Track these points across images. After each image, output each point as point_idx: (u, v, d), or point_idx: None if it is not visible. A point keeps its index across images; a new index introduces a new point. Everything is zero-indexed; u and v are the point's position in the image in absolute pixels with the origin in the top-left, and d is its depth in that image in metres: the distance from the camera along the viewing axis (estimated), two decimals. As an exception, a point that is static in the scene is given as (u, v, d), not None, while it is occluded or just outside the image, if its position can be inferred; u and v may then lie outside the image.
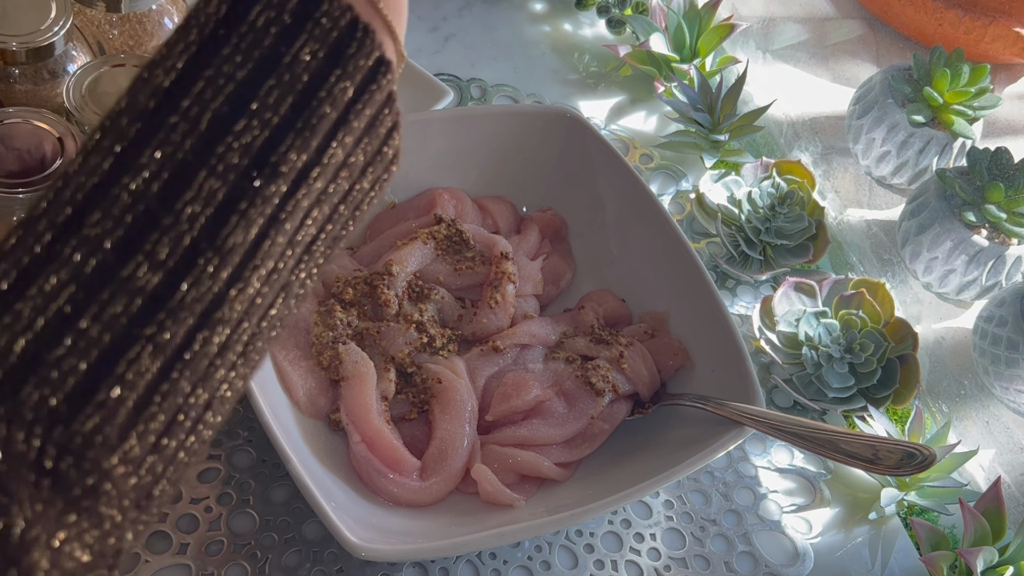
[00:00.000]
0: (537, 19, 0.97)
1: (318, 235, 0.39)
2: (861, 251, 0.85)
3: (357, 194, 0.40)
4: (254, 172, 0.35)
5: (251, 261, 0.36)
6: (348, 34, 0.38)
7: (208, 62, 0.36)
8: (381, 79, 0.39)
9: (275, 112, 0.36)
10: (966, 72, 0.83)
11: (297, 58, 0.37)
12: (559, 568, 0.64)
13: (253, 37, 0.36)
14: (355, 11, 0.38)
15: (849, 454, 0.62)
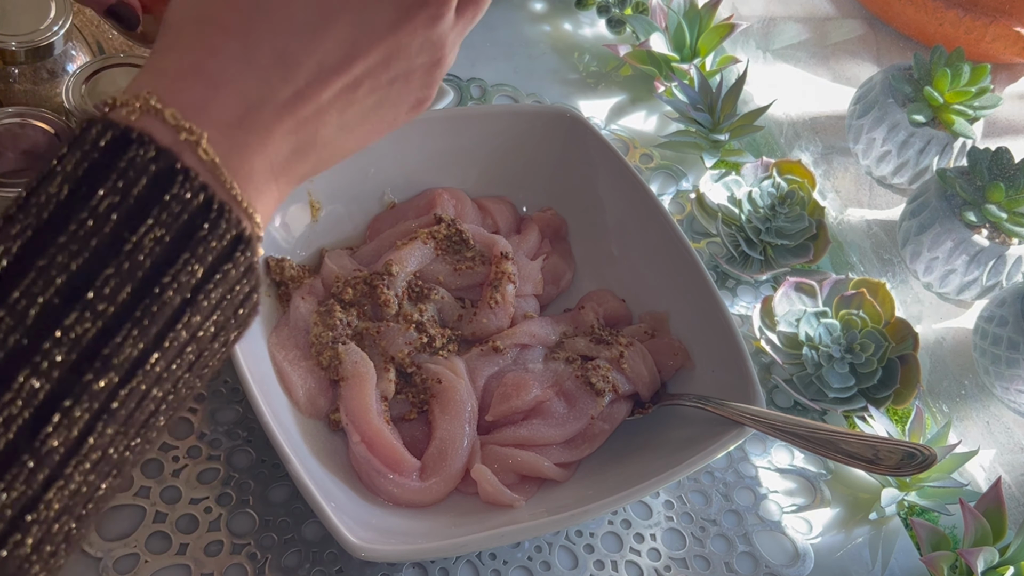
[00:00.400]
0: (537, 19, 0.97)
1: (158, 409, 0.37)
2: (861, 251, 0.85)
3: (206, 359, 0.38)
4: (83, 366, 0.34)
5: (73, 458, 0.34)
6: (200, 215, 0.36)
7: (43, 249, 0.34)
8: (239, 256, 0.37)
9: (111, 302, 0.34)
10: (966, 72, 0.83)
11: (140, 245, 0.35)
12: (559, 568, 0.63)
13: (94, 224, 0.34)
14: (210, 191, 0.36)
15: (849, 454, 0.62)
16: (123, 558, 0.58)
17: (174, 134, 0.36)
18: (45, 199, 0.35)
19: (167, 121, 0.36)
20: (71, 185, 0.35)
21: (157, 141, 0.36)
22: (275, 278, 0.68)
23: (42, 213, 0.34)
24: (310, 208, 0.70)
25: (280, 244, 0.69)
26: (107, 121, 0.36)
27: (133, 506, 0.60)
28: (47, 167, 0.35)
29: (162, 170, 0.35)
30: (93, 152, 0.35)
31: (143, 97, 0.37)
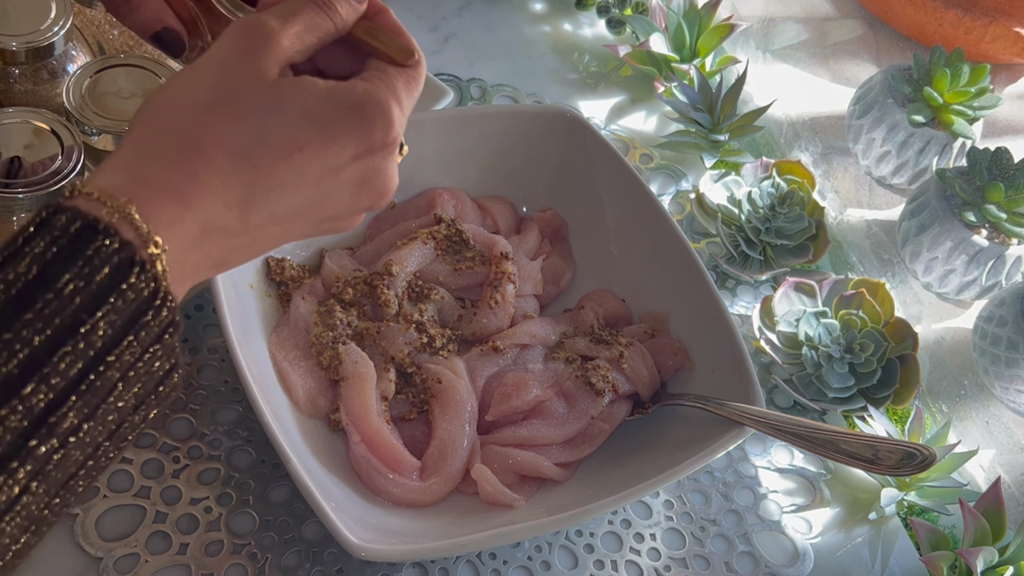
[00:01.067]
0: (537, 19, 0.97)
1: (78, 471, 0.40)
2: (861, 251, 0.85)
3: (125, 430, 0.41)
4: (31, 433, 0.37)
5: (7, 514, 0.37)
6: (148, 303, 0.40)
7: (9, 324, 0.37)
8: (167, 339, 0.41)
9: (63, 377, 0.37)
10: (966, 72, 0.83)
11: (95, 327, 0.38)
12: (559, 568, 0.64)
13: (58, 304, 0.38)
14: (159, 282, 0.40)
15: (849, 454, 0.62)
16: (123, 558, 0.58)
17: (139, 236, 0.40)
18: (14, 276, 0.38)
19: (138, 230, 0.40)
20: (39, 267, 0.38)
21: (121, 235, 0.39)
22: (275, 278, 0.68)
23: (10, 289, 0.37)
24: (310, 208, 0.70)
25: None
26: (76, 211, 0.39)
27: (133, 506, 0.60)
28: (14, 245, 0.38)
29: (123, 262, 0.39)
30: (62, 238, 0.38)
31: (123, 204, 0.40)
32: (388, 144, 0.48)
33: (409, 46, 0.50)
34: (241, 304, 0.64)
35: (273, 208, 0.45)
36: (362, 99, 0.46)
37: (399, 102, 0.48)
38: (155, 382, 0.41)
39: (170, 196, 0.42)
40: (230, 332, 0.59)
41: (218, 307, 0.60)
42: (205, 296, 0.69)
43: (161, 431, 0.63)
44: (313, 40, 0.48)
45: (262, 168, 0.44)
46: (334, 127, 0.46)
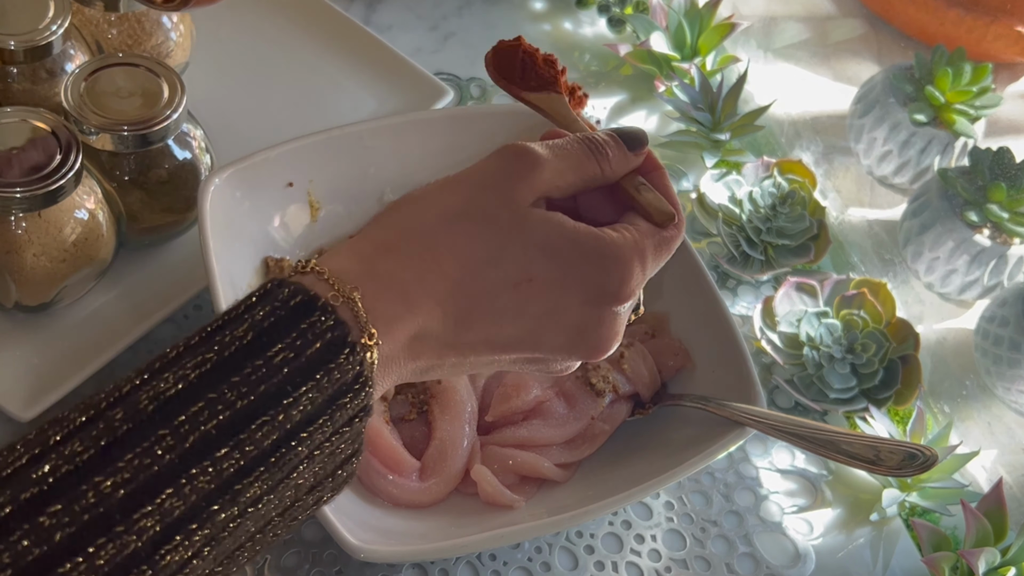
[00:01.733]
0: (537, 18, 0.97)
1: (245, 543, 0.40)
2: (863, 251, 0.85)
3: (297, 510, 0.41)
4: (216, 498, 0.37)
5: (178, 575, 0.36)
6: (349, 386, 0.40)
7: (216, 384, 0.37)
8: (357, 423, 0.41)
9: (257, 446, 0.37)
10: (968, 71, 0.83)
11: (298, 401, 0.38)
12: (559, 569, 0.63)
13: (265, 372, 0.38)
14: (364, 367, 0.40)
15: (851, 455, 0.61)
16: (122, 559, 0.58)
17: (356, 323, 0.41)
18: (230, 339, 0.38)
19: (356, 316, 0.41)
20: (255, 333, 0.39)
21: (338, 314, 0.40)
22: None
23: (224, 351, 0.38)
24: (310, 208, 0.70)
25: (279, 244, 0.69)
26: (300, 286, 0.40)
27: (132, 507, 0.60)
28: (236, 311, 0.40)
29: (335, 340, 0.40)
30: (282, 309, 0.39)
31: (349, 290, 0.41)
32: (620, 298, 0.47)
33: (670, 210, 0.49)
34: (240, 304, 0.63)
35: (488, 331, 0.45)
36: (605, 248, 0.46)
37: (643, 261, 0.47)
38: (335, 465, 0.41)
39: (396, 294, 0.43)
40: (229, 332, 0.58)
41: (216, 307, 0.59)
42: (204, 297, 0.69)
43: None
44: (576, 180, 0.48)
45: (488, 288, 0.44)
46: (569, 267, 0.45)
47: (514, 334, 0.46)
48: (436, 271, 0.44)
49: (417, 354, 0.44)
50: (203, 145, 0.69)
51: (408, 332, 0.43)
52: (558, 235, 0.45)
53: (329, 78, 0.83)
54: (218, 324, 0.39)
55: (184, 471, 0.36)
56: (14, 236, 0.60)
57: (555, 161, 0.47)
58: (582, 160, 0.48)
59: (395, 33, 0.90)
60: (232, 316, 0.39)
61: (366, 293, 0.42)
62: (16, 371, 0.62)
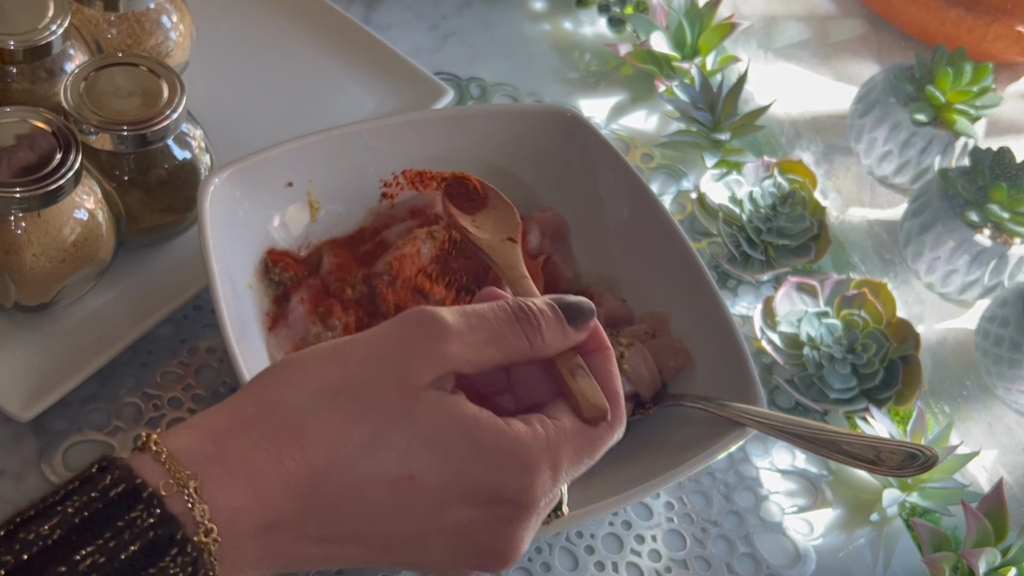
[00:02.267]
0: (537, 17, 0.96)
1: None
2: (863, 251, 0.84)
3: None
4: None
5: None
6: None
7: None
8: None
9: None
10: (968, 71, 0.83)
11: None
12: (559, 570, 0.63)
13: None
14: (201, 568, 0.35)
15: (851, 455, 0.61)
16: (121, 559, 0.58)
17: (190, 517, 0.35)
18: (34, 537, 0.33)
19: (192, 509, 0.35)
20: (63, 530, 0.34)
21: (167, 507, 0.35)
22: (274, 278, 0.68)
23: (23, 553, 0.33)
24: (309, 208, 0.70)
25: (279, 244, 0.69)
26: (127, 472, 0.35)
27: (131, 507, 0.60)
28: (51, 499, 0.34)
29: (159, 539, 0.34)
30: (100, 500, 0.34)
31: (185, 477, 0.36)
32: (520, 506, 0.40)
33: (603, 404, 0.43)
34: (239, 304, 0.63)
35: (358, 530, 0.39)
36: (508, 446, 0.40)
37: (555, 467, 0.41)
38: None
39: (243, 482, 0.37)
40: (228, 333, 0.58)
41: (216, 307, 0.59)
42: (203, 297, 0.69)
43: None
44: (495, 355, 0.41)
45: (358, 484, 0.38)
46: (459, 465, 0.39)
47: (392, 536, 0.40)
48: (297, 457, 0.37)
49: (271, 550, 0.38)
50: (203, 145, 0.69)
51: (255, 524, 0.37)
52: (450, 426, 0.39)
53: (329, 78, 0.83)
54: (27, 516, 0.34)
55: None
56: (13, 236, 0.60)
57: (467, 334, 0.40)
58: (504, 332, 0.41)
59: (395, 33, 0.90)
60: (42, 508, 0.34)
61: (208, 479, 0.36)
62: (15, 371, 0.62)
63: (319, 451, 0.38)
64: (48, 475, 0.61)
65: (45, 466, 0.61)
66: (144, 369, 0.66)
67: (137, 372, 0.66)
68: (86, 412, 0.64)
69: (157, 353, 0.67)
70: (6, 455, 0.61)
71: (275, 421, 0.38)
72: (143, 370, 0.66)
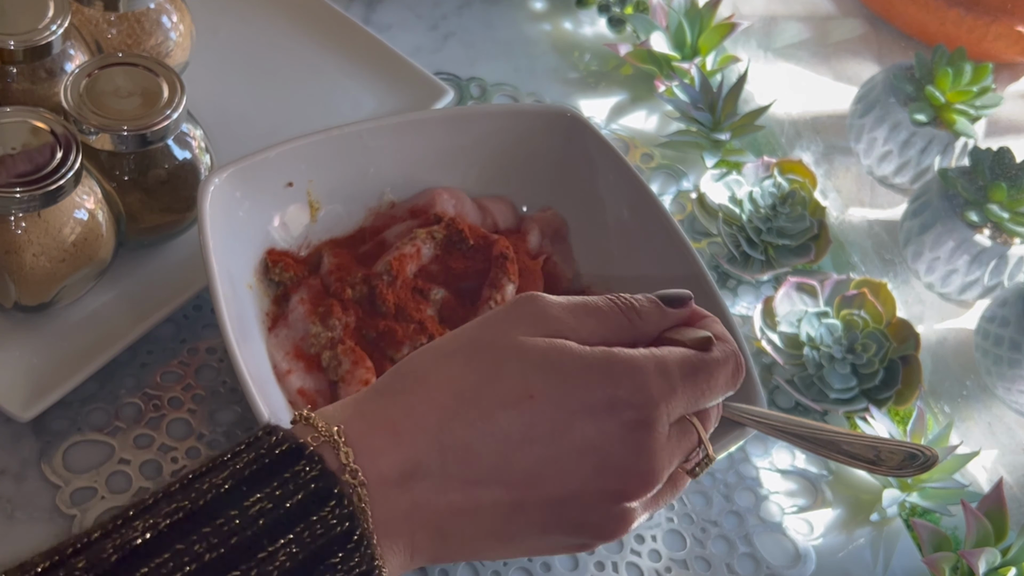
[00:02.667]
0: (537, 17, 0.96)
1: None
2: (863, 251, 0.84)
3: None
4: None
5: None
6: (338, 543, 0.37)
7: (185, 535, 0.35)
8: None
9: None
10: (968, 71, 0.83)
11: (274, 556, 0.36)
12: (559, 570, 0.63)
13: (240, 522, 0.36)
14: (358, 522, 0.37)
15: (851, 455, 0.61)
16: (121, 559, 0.58)
17: (340, 467, 0.38)
18: (207, 487, 0.36)
19: (339, 457, 0.39)
20: (234, 481, 0.37)
21: (326, 463, 0.38)
22: (274, 278, 0.68)
23: (199, 500, 0.36)
24: (309, 208, 0.70)
25: (279, 244, 0.69)
26: (289, 434, 0.39)
27: (131, 507, 0.60)
28: (222, 457, 0.38)
29: (320, 491, 0.37)
30: (265, 457, 0.38)
31: (332, 429, 0.39)
32: (639, 408, 0.41)
33: (704, 335, 0.45)
34: (239, 304, 0.63)
35: (499, 465, 0.40)
36: (613, 357, 0.42)
37: (663, 371, 0.42)
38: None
39: (383, 429, 0.40)
40: (228, 332, 0.58)
41: (216, 307, 0.59)
42: (203, 297, 0.69)
43: (159, 432, 0.63)
44: (596, 327, 0.44)
45: (485, 411, 0.40)
46: (572, 379, 0.41)
47: (529, 468, 0.41)
48: (426, 402, 0.41)
49: (418, 499, 0.40)
50: (203, 145, 0.69)
51: (398, 467, 0.40)
52: (559, 353, 0.42)
53: (329, 78, 0.83)
54: (201, 470, 0.37)
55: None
56: (14, 236, 0.60)
57: (569, 305, 0.44)
58: (603, 308, 0.44)
59: (395, 33, 0.90)
60: (217, 463, 0.38)
61: (352, 433, 0.39)
62: (15, 371, 0.62)
63: (445, 393, 0.41)
64: (48, 475, 0.61)
65: (45, 466, 0.61)
66: (144, 369, 0.66)
67: (137, 372, 0.66)
68: (86, 412, 0.64)
69: (157, 353, 0.67)
70: (6, 455, 0.61)
71: (403, 381, 0.42)
72: (143, 370, 0.66)
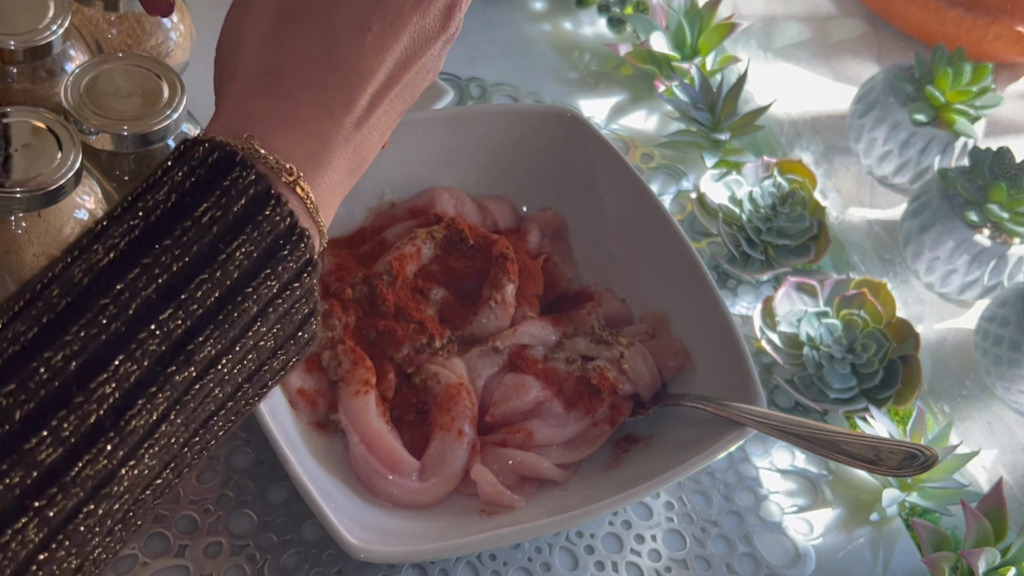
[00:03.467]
0: (537, 17, 0.97)
1: (218, 410, 0.40)
2: (863, 251, 0.85)
3: (265, 373, 0.42)
4: (169, 359, 0.37)
5: (147, 440, 0.37)
6: (284, 237, 0.40)
7: (148, 249, 0.38)
8: (305, 278, 0.41)
9: (201, 305, 0.38)
10: (968, 71, 0.83)
11: (232, 257, 0.39)
12: (559, 569, 0.63)
13: (196, 232, 0.38)
14: (295, 217, 0.41)
15: (851, 455, 0.61)
16: (121, 559, 0.58)
17: (269, 169, 0.41)
18: (153, 203, 0.38)
19: (266, 162, 0.41)
20: (178, 195, 0.39)
21: (257, 168, 0.40)
22: (274, 278, 0.68)
23: (149, 216, 0.38)
24: (309, 208, 0.70)
25: (279, 244, 0.69)
26: (215, 142, 0.40)
27: (132, 507, 0.60)
28: (153, 176, 0.39)
29: (259, 193, 0.40)
30: (200, 168, 0.39)
31: (245, 139, 0.41)
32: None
33: None
34: (240, 304, 0.63)
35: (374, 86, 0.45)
36: None
37: None
38: (294, 326, 0.42)
39: (280, 123, 0.43)
40: (229, 332, 0.58)
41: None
42: (204, 296, 0.69)
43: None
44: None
45: (348, 64, 0.44)
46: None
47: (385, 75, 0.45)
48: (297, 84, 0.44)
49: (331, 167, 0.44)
50: (203, 145, 0.69)
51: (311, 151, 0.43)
52: None
53: (329, 78, 0.83)
54: (139, 191, 0.39)
55: (132, 337, 0.36)
56: (14, 236, 0.60)
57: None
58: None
59: (395, 33, 0.90)
60: (152, 182, 0.39)
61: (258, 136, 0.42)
62: (16, 371, 0.62)
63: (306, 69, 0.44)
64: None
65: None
66: (144, 369, 0.66)
67: (137, 372, 0.66)
68: (86, 412, 0.64)
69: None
70: (6, 455, 0.61)
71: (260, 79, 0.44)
72: (143, 370, 0.66)
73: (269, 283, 0.40)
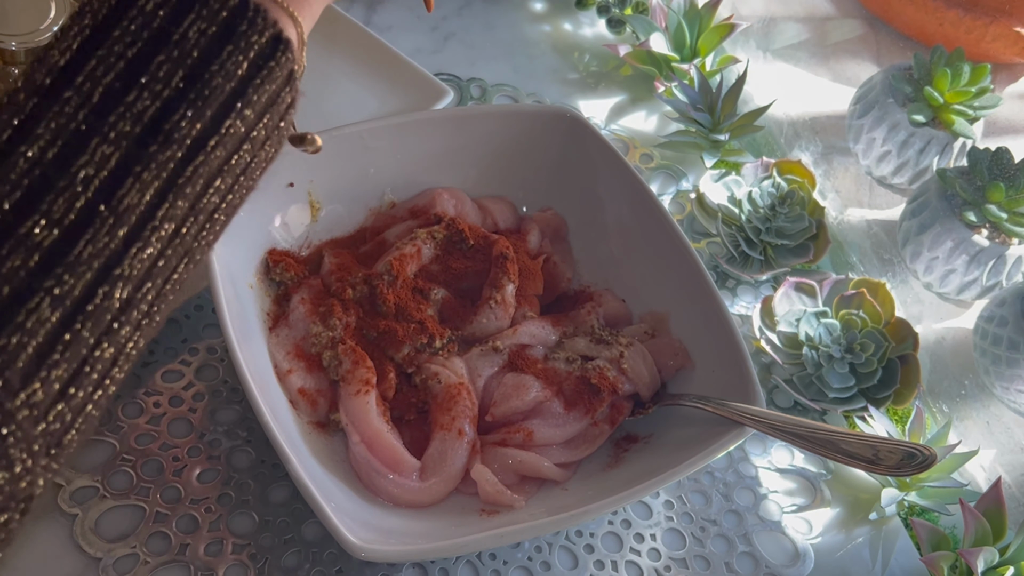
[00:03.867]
0: (537, 18, 0.97)
1: (220, 204, 0.41)
2: (862, 251, 0.85)
3: (255, 166, 0.43)
4: (148, 139, 0.38)
5: (149, 222, 0.38)
6: (238, 13, 0.41)
7: (100, 43, 0.39)
8: (280, 56, 0.42)
9: (166, 85, 0.39)
10: (967, 72, 0.83)
11: (186, 36, 0.40)
12: (559, 569, 0.63)
13: (143, 20, 0.39)
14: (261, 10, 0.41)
15: (850, 454, 0.61)
16: (123, 558, 0.58)
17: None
18: (97, 5, 0.40)
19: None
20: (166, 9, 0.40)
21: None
22: (275, 278, 0.68)
23: (97, 16, 0.39)
24: (310, 208, 0.70)
25: (280, 244, 0.69)
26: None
27: (133, 506, 0.60)
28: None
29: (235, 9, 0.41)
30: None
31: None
32: None
33: None
34: (240, 304, 0.63)
35: None
36: None
37: None
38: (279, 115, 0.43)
39: None
40: (230, 332, 0.59)
41: (217, 307, 0.60)
42: (204, 296, 0.69)
43: (161, 430, 0.63)
44: None
45: None
46: None
47: None
48: None
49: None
50: (204, 145, 0.69)
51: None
52: None
53: (329, 78, 0.83)
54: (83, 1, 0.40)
55: (103, 121, 0.37)
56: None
57: None
58: None
59: (395, 34, 0.91)
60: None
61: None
62: (17, 371, 0.62)
63: None
64: (50, 474, 0.61)
65: (47, 465, 0.61)
66: (146, 368, 0.66)
67: (139, 371, 0.66)
68: (88, 411, 0.64)
69: (159, 352, 0.67)
70: (8, 454, 0.61)
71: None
72: (145, 369, 0.66)
73: (235, 59, 0.40)
